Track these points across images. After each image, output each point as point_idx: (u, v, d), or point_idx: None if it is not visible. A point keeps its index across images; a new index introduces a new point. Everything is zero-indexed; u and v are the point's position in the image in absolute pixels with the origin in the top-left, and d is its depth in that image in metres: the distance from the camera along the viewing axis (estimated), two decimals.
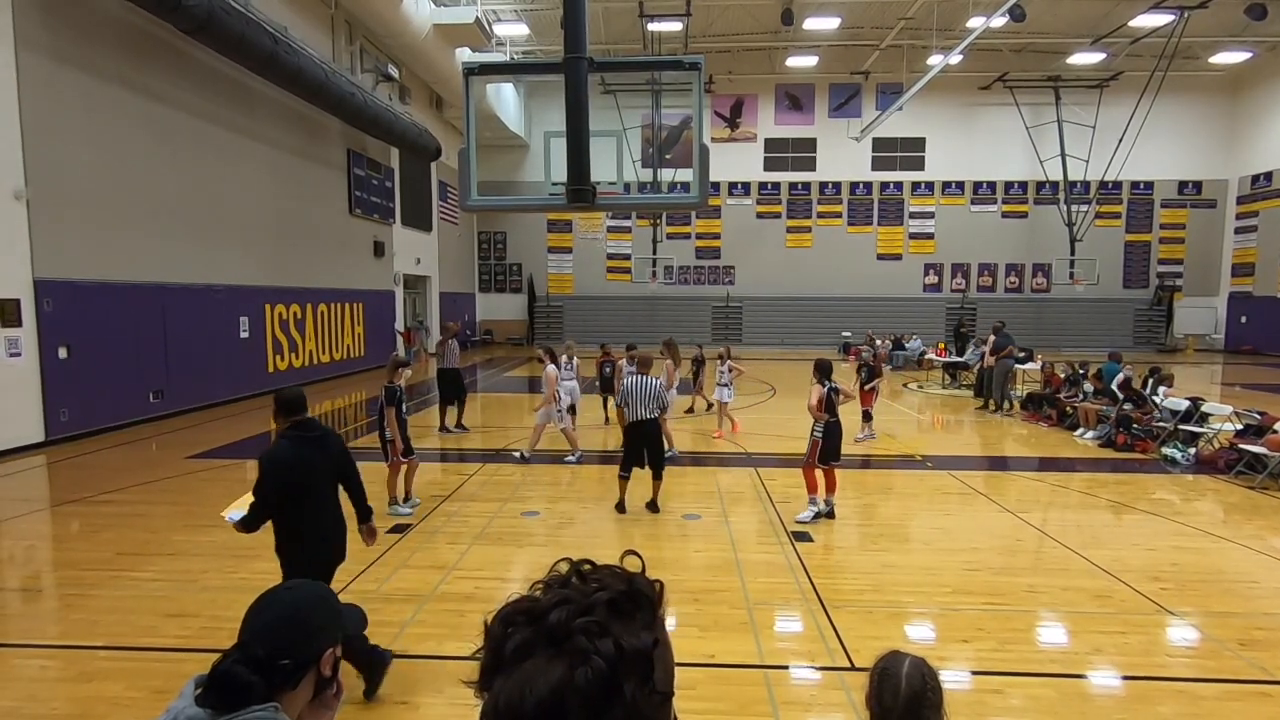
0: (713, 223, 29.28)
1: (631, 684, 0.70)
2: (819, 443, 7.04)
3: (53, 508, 7.50)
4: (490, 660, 0.73)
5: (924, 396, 16.30)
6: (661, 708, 0.73)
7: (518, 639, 0.72)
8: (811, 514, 7.00)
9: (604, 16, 22.08)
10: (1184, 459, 9.59)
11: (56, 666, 4.22)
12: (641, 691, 0.70)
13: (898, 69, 24.97)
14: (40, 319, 9.86)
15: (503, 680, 0.70)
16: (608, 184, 5.60)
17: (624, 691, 0.69)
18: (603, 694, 0.68)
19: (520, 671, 0.70)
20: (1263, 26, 21.25)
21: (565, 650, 0.70)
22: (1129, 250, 28.71)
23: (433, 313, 25.28)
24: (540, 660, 0.70)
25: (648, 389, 7.17)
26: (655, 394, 7.17)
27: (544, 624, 0.72)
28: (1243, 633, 4.67)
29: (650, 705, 0.71)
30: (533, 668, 0.69)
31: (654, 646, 0.74)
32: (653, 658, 0.73)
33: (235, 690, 1.24)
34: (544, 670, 0.69)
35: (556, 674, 0.68)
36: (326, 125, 17.29)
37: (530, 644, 0.71)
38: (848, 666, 4.20)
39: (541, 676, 0.69)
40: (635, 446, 7.23)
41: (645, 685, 0.71)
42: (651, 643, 0.74)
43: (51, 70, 10.01)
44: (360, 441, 10.87)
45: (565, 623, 0.71)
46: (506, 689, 0.69)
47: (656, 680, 0.73)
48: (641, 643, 0.73)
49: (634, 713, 0.69)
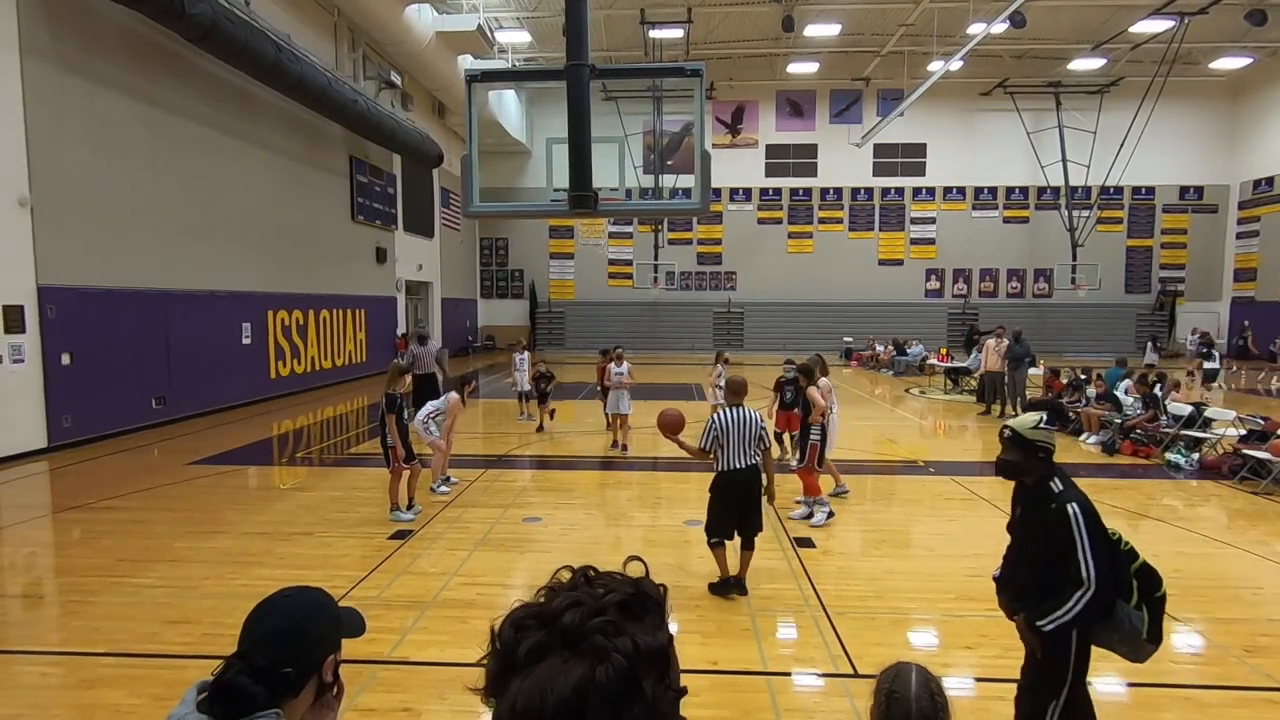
0: (714, 228, 29.32)
1: (650, 681, 0.71)
2: (818, 446, 7.10)
3: (54, 514, 7.49)
4: (501, 665, 0.73)
5: (926, 402, 16.28)
6: (675, 705, 0.75)
7: (531, 642, 0.72)
8: (824, 516, 7.01)
9: (605, 24, 22.17)
10: (1188, 464, 9.56)
11: (58, 673, 4.21)
12: (659, 688, 0.72)
13: (898, 75, 25.06)
14: (43, 325, 9.88)
15: (519, 682, 0.70)
16: (609, 190, 5.62)
17: (644, 689, 0.70)
18: (623, 691, 0.69)
19: (536, 673, 0.70)
20: (1263, 32, 21.29)
21: (582, 651, 0.70)
22: (1131, 255, 28.71)
23: (434, 319, 25.31)
24: (556, 662, 0.70)
25: (750, 425, 5.30)
26: (759, 432, 5.33)
27: (557, 626, 0.72)
28: (1248, 639, 4.65)
29: (666, 702, 0.73)
30: (550, 669, 0.70)
31: (669, 644, 0.75)
32: (668, 655, 0.75)
33: (240, 701, 1.25)
34: (563, 671, 0.69)
35: (577, 673, 0.69)
36: (329, 132, 17.35)
37: (544, 646, 0.71)
38: (851, 673, 4.18)
39: (561, 677, 0.69)
40: (731, 505, 5.32)
41: (662, 682, 0.73)
42: (666, 641, 0.75)
43: (56, 77, 10.06)
44: (362, 447, 10.89)
45: (580, 624, 0.72)
46: (524, 691, 0.69)
47: (671, 678, 0.74)
48: (657, 641, 0.74)
49: (653, 710, 0.71)
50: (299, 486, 8.72)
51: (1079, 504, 2.86)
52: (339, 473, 9.47)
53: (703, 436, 5.33)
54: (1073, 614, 2.79)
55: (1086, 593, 2.77)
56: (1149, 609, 2.85)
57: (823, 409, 7.19)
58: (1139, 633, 2.84)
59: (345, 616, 1.45)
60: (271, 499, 8.24)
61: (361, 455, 10.38)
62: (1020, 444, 3.02)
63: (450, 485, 8.32)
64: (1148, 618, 2.84)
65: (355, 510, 7.45)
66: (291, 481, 9.04)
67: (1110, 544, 2.87)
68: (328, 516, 7.23)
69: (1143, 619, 2.84)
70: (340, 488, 8.50)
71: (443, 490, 8.11)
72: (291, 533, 6.72)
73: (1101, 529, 2.86)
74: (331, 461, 10.21)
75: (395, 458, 7.16)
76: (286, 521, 7.09)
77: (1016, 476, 3.11)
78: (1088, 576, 2.77)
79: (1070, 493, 2.92)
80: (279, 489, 8.76)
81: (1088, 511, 2.84)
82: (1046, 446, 3.01)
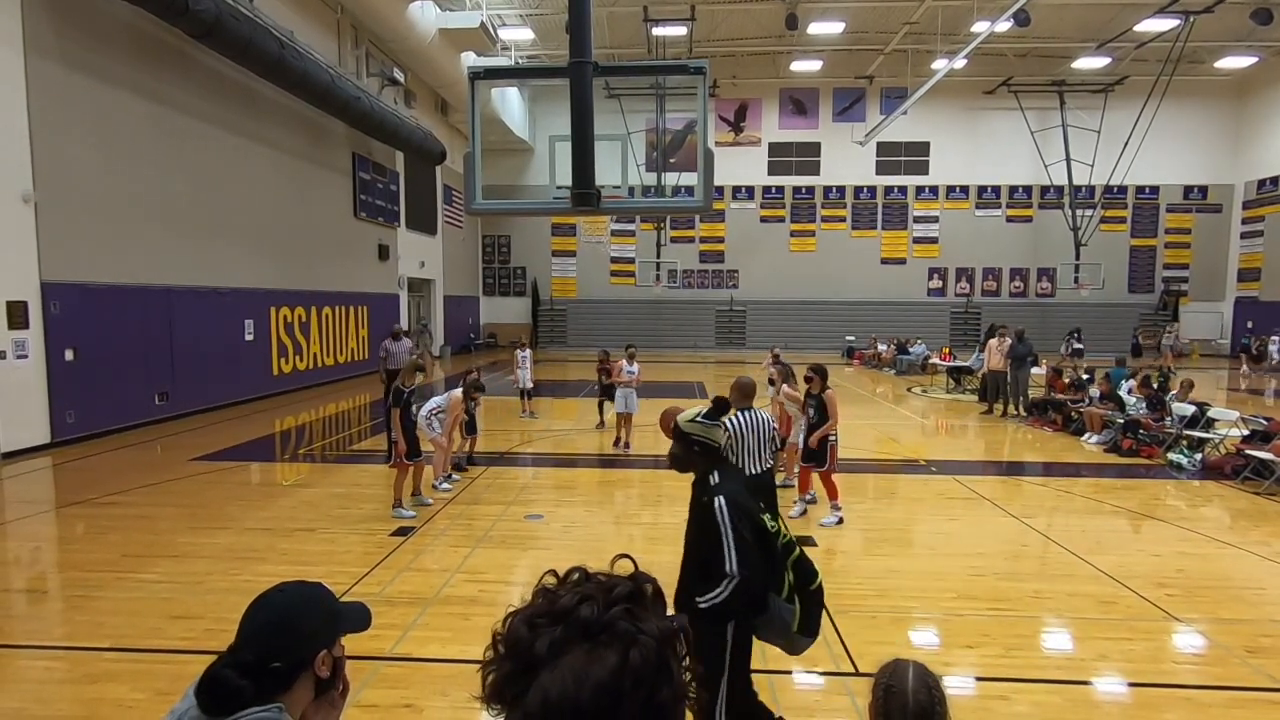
0: (717, 227, 29.30)
1: (674, 662, 0.75)
2: (835, 447, 7.04)
3: (58, 509, 7.52)
4: (518, 664, 0.74)
5: (928, 401, 16.26)
6: (692, 686, 0.78)
7: (549, 638, 0.74)
8: (835, 519, 6.97)
9: (609, 21, 22.14)
10: (1190, 464, 9.54)
11: (61, 668, 4.23)
12: (681, 669, 0.75)
13: (902, 73, 25.00)
14: (47, 321, 9.91)
15: (547, 675, 0.72)
16: (612, 188, 5.61)
17: (672, 669, 0.74)
18: (655, 672, 0.72)
19: (563, 665, 0.72)
20: (1269, 31, 21.19)
21: (608, 639, 0.73)
22: (1134, 255, 28.64)
23: (437, 316, 25.33)
24: (580, 653, 0.72)
25: (762, 428, 5.18)
26: (771, 434, 5.25)
27: (576, 620, 0.74)
28: (1250, 639, 4.64)
29: (686, 686, 0.76)
30: (579, 659, 0.72)
31: (682, 628, 0.79)
32: (685, 638, 0.78)
33: (224, 695, 1.25)
34: (596, 658, 0.72)
35: (612, 659, 0.71)
36: (332, 129, 17.36)
37: (565, 640, 0.73)
38: (852, 672, 4.19)
39: (596, 664, 0.71)
40: None
41: (683, 663, 0.76)
42: (680, 624, 0.79)
43: (60, 74, 10.07)
44: (364, 444, 10.91)
45: (599, 616, 0.74)
46: (555, 683, 0.71)
47: (689, 660, 0.78)
48: (673, 625, 0.78)
49: (680, 690, 0.74)
50: (301, 483, 8.74)
51: (726, 497, 2.90)
52: (341, 469, 9.49)
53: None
54: (721, 598, 2.83)
55: (731, 581, 2.83)
56: (801, 602, 2.89)
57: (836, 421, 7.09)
58: (789, 625, 2.89)
59: (347, 611, 1.45)
60: (274, 495, 8.25)
61: (364, 452, 10.40)
62: (680, 437, 3.04)
63: (452, 482, 8.34)
64: (799, 610, 2.88)
65: (358, 507, 7.47)
66: (294, 478, 9.06)
67: (765, 536, 2.93)
68: (330, 513, 7.25)
69: (793, 612, 2.88)
70: (343, 484, 8.52)
71: (444, 487, 8.13)
72: (294, 529, 6.74)
73: (751, 521, 2.90)
74: (334, 458, 10.23)
75: (397, 452, 7.18)
76: (289, 518, 7.11)
77: (682, 470, 3.11)
78: (730, 566, 2.83)
79: (723, 486, 2.95)
80: (281, 485, 8.78)
81: (734, 504, 2.88)
82: (701, 441, 3.00)
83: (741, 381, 5.36)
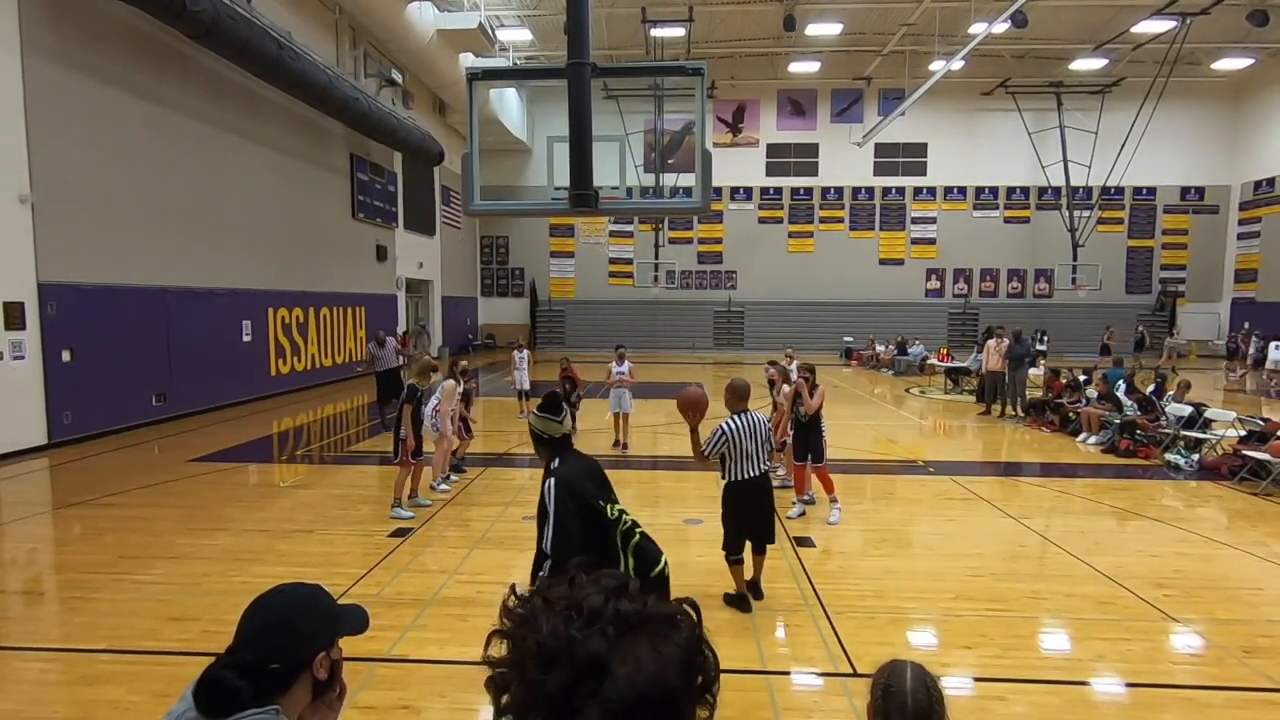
0: (715, 228, 29.30)
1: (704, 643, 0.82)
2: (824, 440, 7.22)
3: (55, 510, 7.50)
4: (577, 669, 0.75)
5: (926, 402, 16.28)
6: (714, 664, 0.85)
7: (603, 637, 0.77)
8: (836, 511, 7.04)
9: (607, 22, 22.15)
10: (1187, 465, 9.56)
11: (58, 670, 4.21)
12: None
13: (900, 74, 25.03)
14: (44, 322, 9.88)
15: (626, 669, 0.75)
16: (610, 189, 5.61)
17: (704, 647, 0.81)
18: (697, 649, 0.80)
19: (638, 656, 0.76)
20: (1265, 33, 21.26)
21: (655, 624, 0.78)
22: (1131, 256, 28.70)
23: (435, 317, 25.31)
24: (641, 641, 0.77)
25: (759, 431, 5.08)
26: (767, 436, 5.18)
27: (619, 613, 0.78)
28: (1247, 640, 4.65)
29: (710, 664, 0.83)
30: (643, 647, 0.76)
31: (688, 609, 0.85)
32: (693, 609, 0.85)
33: (223, 696, 1.25)
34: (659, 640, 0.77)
35: (676, 638, 0.78)
36: (330, 130, 17.34)
37: (619, 634, 0.78)
38: (850, 672, 4.19)
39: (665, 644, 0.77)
40: (746, 516, 5.08)
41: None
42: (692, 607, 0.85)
43: (57, 75, 10.05)
44: (362, 445, 10.89)
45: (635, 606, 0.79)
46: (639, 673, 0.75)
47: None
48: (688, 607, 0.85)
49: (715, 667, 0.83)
50: (299, 484, 8.72)
51: (556, 479, 3.10)
52: (339, 470, 9.47)
53: (709, 443, 4.96)
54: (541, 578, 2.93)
55: (545, 560, 2.97)
56: None
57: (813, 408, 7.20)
58: None
59: (345, 613, 1.44)
60: (272, 496, 8.24)
61: (362, 453, 10.39)
62: (530, 430, 3.37)
63: (450, 483, 8.33)
64: None
65: (356, 508, 7.46)
66: (292, 479, 9.05)
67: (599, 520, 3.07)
68: (328, 514, 7.23)
69: None
70: (340, 485, 8.51)
71: (443, 488, 8.12)
72: (292, 530, 6.73)
73: (581, 505, 3.05)
74: (332, 459, 10.21)
75: (405, 450, 7.17)
76: (287, 519, 7.10)
77: (541, 459, 3.38)
78: (544, 545, 3.00)
79: (558, 470, 3.17)
80: (279, 486, 8.77)
81: (564, 486, 3.07)
82: (539, 434, 3.33)
83: (735, 384, 5.21)
